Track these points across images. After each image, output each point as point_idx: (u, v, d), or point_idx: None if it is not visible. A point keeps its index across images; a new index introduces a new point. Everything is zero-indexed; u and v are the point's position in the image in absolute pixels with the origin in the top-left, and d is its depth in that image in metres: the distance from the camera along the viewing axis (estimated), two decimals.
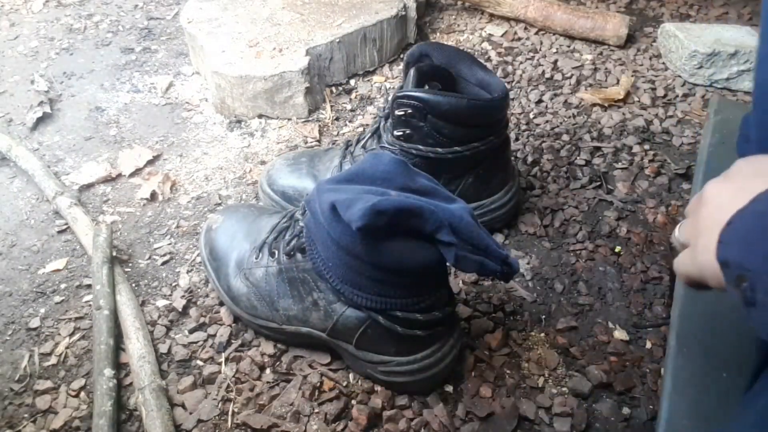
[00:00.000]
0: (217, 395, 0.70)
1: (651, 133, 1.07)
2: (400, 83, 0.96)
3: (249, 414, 0.67)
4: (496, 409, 0.68)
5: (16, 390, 0.71)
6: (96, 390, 0.67)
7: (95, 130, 1.11)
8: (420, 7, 1.29)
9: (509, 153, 0.88)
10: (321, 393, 0.69)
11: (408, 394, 0.69)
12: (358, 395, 0.69)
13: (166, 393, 0.69)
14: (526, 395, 0.69)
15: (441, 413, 0.67)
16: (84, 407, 0.69)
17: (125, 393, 0.70)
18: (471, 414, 0.68)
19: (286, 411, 0.68)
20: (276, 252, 0.69)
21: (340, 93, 1.17)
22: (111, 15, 1.45)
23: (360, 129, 1.09)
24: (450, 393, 0.70)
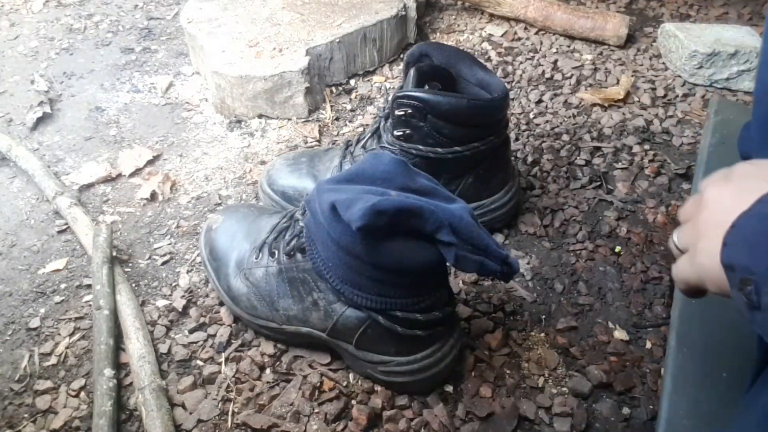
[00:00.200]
0: (217, 395, 0.70)
1: (651, 133, 1.07)
2: (400, 83, 0.96)
3: (249, 414, 0.67)
4: (496, 409, 0.68)
5: (16, 390, 0.71)
6: (96, 390, 0.67)
7: (95, 130, 1.11)
8: (420, 7, 1.29)
9: (509, 153, 0.88)
10: (321, 393, 0.69)
11: (408, 394, 0.69)
12: (358, 395, 0.69)
13: (166, 393, 0.69)
14: (526, 395, 0.69)
15: (441, 413, 0.67)
16: (84, 407, 0.69)
17: (125, 393, 0.70)
18: (471, 414, 0.68)
19: (286, 411, 0.68)
20: (276, 252, 0.69)
21: (340, 93, 1.17)
22: (111, 15, 1.45)
23: (360, 129, 1.09)
24: (450, 393, 0.70)
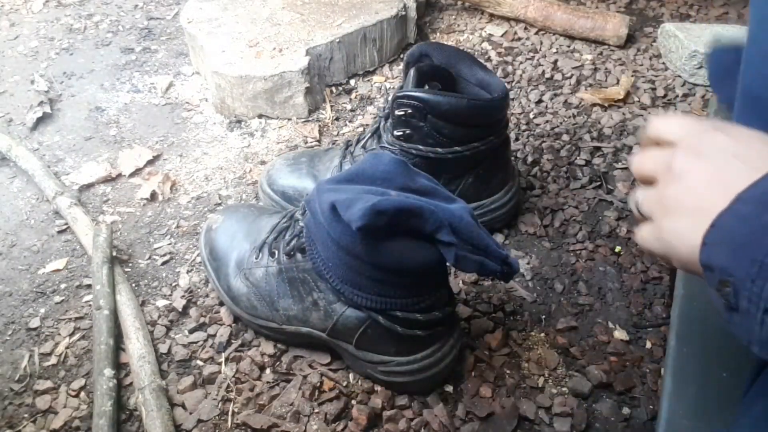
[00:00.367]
0: (217, 395, 0.70)
1: None
2: (400, 83, 0.96)
3: (249, 414, 0.67)
4: (496, 409, 0.68)
5: (16, 390, 0.71)
6: (96, 390, 0.67)
7: (95, 130, 1.11)
8: (420, 7, 1.29)
9: (509, 153, 0.88)
10: (321, 393, 0.69)
11: (408, 394, 0.69)
12: (358, 395, 0.69)
13: (166, 393, 0.69)
14: (526, 395, 0.69)
15: (441, 413, 0.67)
16: (84, 407, 0.69)
17: (125, 393, 0.70)
18: (471, 414, 0.68)
19: (286, 411, 0.68)
20: (276, 252, 0.69)
21: (340, 93, 1.17)
22: (111, 15, 1.44)
23: (360, 129, 1.08)
24: (450, 393, 0.70)
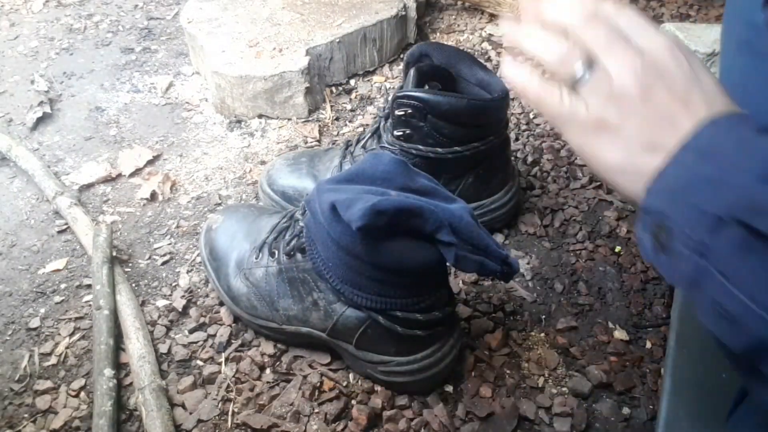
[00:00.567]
0: (217, 395, 0.70)
1: None
2: (400, 83, 0.96)
3: (249, 414, 0.67)
4: (496, 409, 0.68)
5: (16, 390, 0.71)
6: (96, 390, 0.67)
7: (95, 130, 1.11)
8: (420, 7, 1.29)
9: (509, 153, 0.88)
10: (321, 393, 0.69)
11: (408, 394, 0.69)
12: (358, 395, 0.69)
13: (166, 393, 0.69)
14: (526, 395, 0.69)
15: (441, 413, 0.67)
16: (84, 407, 0.69)
17: (125, 393, 0.70)
18: (471, 414, 0.68)
19: (286, 411, 0.68)
20: (276, 252, 0.69)
21: (340, 93, 1.17)
22: (111, 15, 1.44)
23: (360, 129, 1.08)
24: (450, 393, 0.70)
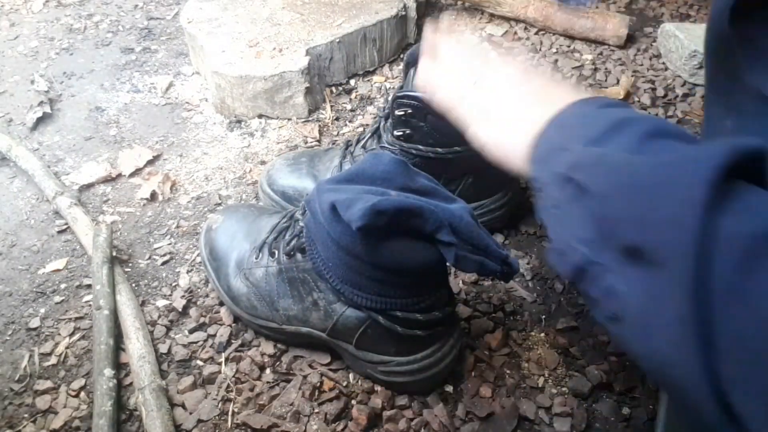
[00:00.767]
0: (217, 395, 0.70)
1: None
2: (400, 83, 0.96)
3: (249, 414, 0.67)
4: (496, 409, 0.68)
5: (16, 390, 0.71)
6: (96, 390, 0.67)
7: (95, 130, 1.11)
8: (420, 7, 1.29)
9: None
10: (321, 393, 0.69)
11: (408, 394, 0.69)
12: (358, 395, 0.69)
13: (166, 393, 0.69)
14: (526, 395, 0.69)
15: (441, 413, 0.67)
16: (84, 407, 0.69)
17: (125, 393, 0.70)
18: (471, 414, 0.68)
19: (286, 411, 0.68)
20: (276, 252, 0.69)
21: (340, 93, 1.17)
22: (111, 15, 1.45)
23: (360, 129, 1.08)
24: (450, 393, 0.70)
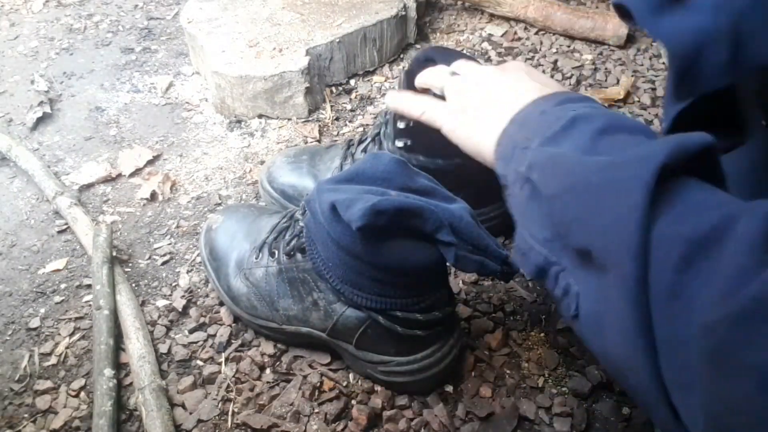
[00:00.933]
0: (217, 395, 0.70)
1: None
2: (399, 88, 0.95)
3: (249, 414, 0.67)
4: (496, 409, 0.68)
5: (16, 390, 0.71)
6: (96, 390, 0.67)
7: (95, 130, 1.11)
8: (420, 7, 1.29)
9: None
10: (321, 393, 0.69)
11: (408, 394, 0.69)
12: (358, 395, 0.69)
13: (166, 393, 0.69)
14: (526, 395, 0.69)
15: (441, 413, 0.67)
16: (84, 407, 0.69)
17: (125, 393, 0.70)
18: (471, 414, 0.68)
19: (286, 411, 0.68)
20: (276, 252, 0.69)
21: (340, 93, 1.17)
22: (111, 15, 1.44)
23: (360, 129, 1.09)
24: (450, 393, 0.70)
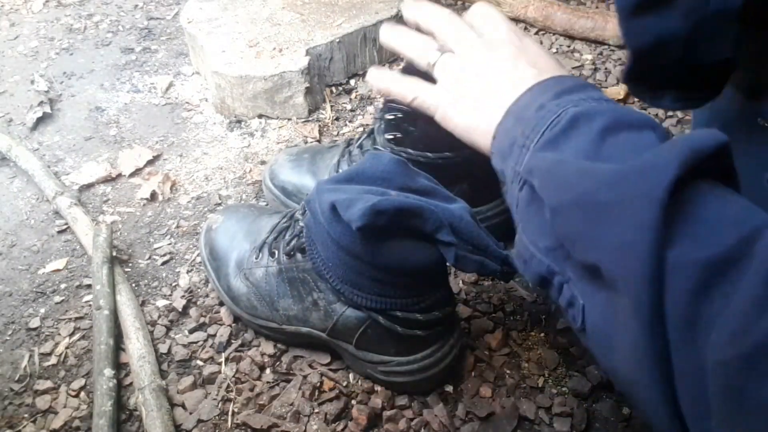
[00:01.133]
0: (217, 395, 0.70)
1: None
2: None
3: (249, 414, 0.67)
4: (496, 409, 0.68)
5: (16, 390, 0.71)
6: (96, 390, 0.67)
7: (95, 130, 1.11)
8: None
9: None
10: (321, 393, 0.69)
11: (408, 394, 0.69)
12: (358, 395, 0.69)
13: (166, 393, 0.69)
14: (526, 395, 0.69)
15: (441, 413, 0.67)
16: (84, 407, 0.69)
17: (125, 393, 0.70)
18: (471, 414, 0.68)
19: (286, 411, 0.68)
20: (276, 252, 0.69)
21: (340, 93, 1.17)
22: (111, 15, 1.45)
23: (360, 129, 1.09)
24: (450, 393, 0.70)
